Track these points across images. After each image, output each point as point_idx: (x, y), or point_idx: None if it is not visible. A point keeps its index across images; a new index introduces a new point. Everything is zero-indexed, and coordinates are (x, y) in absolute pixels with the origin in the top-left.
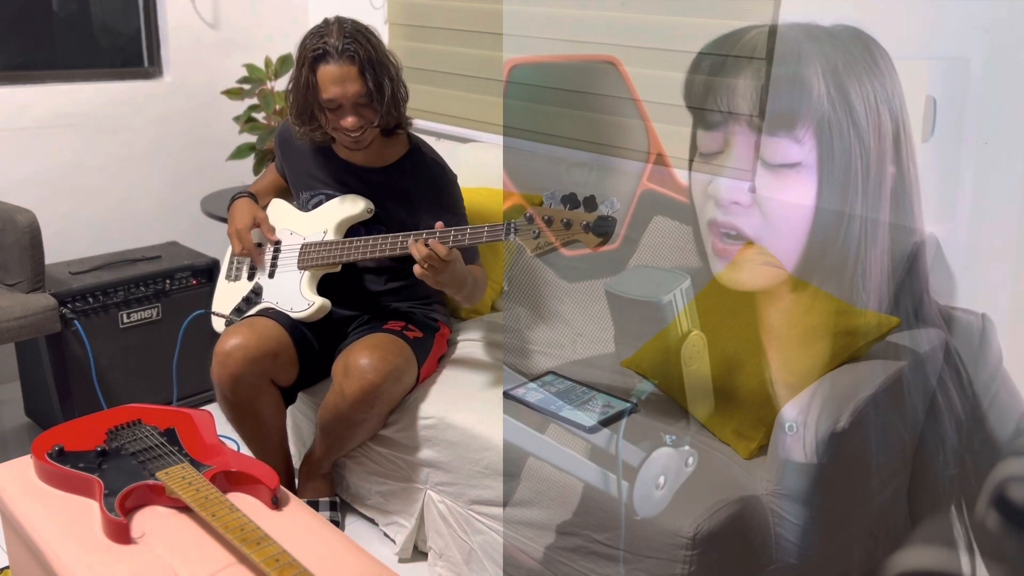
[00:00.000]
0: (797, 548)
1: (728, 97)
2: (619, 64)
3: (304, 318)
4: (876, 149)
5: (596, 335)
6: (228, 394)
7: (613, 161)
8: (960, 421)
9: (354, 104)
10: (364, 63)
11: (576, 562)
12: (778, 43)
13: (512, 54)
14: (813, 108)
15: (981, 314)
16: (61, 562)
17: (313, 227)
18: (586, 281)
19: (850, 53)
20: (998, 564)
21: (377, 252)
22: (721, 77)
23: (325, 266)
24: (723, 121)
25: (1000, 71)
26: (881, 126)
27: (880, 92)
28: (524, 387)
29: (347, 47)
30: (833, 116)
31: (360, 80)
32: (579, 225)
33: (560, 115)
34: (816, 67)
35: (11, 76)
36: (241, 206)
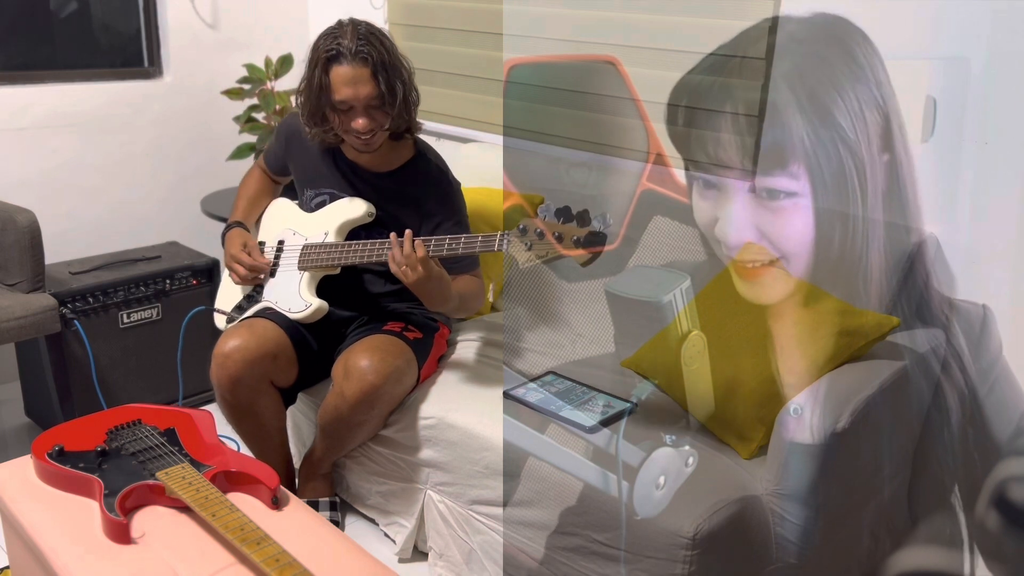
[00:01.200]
0: (797, 548)
1: (715, 148)
2: (619, 64)
3: (301, 319)
4: (868, 153)
5: (596, 335)
6: (228, 396)
7: (613, 161)
8: (961, 421)
9: (366, 106)
10: (377, 65)
11: (576, 562)
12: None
13: (512, 54)
14: (796, 144)
15: (982, 304)
16: (61, 562)
17: (315, 228)
18: (586, 281)
19: (825, 61)
20: (998, 564)
21: (375, 256)
22: (708, 131)
23: (324, 268)
24: (716, 173)
25: (1000, 71)
26: (869, 128)
27: (864, 93)
28: (524, 387)
29: (360, 49)
30: (819, 145)
31: (373, 82)
32: (569, 240)
33: (560, 115)
34: (787, 94)
35: (11, 76)
36: (232, 237)
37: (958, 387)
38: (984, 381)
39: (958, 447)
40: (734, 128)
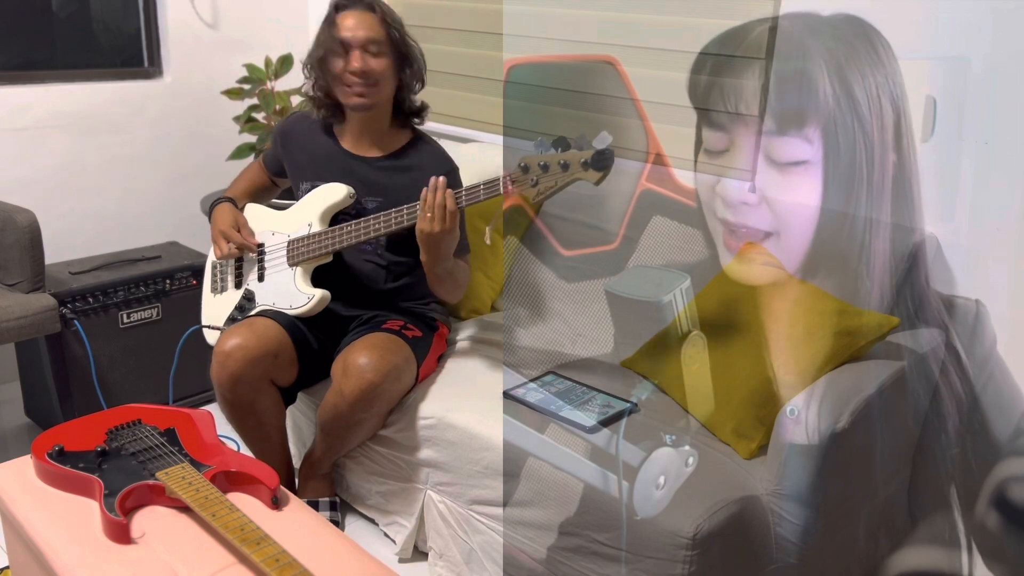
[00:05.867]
0: (797, 548)
1: (734, 98)
2: (618, 64)
3: (305, 312)
4: (879, 140)
5: (596, 335)
6: (228, 394)
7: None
8: (960, 421)
9: (364, 45)
10: (384, 15)
11: (576, 562)
12: (780, 39)
13: (512, 54)
14: (820, 106)
15: (975, 300)
16: (61, 562)
17: (296, 223)
18: (586, 281)
19: (851, 45)
20: (998, 564)
21: (372, 232)
22: (725, 77)
23: (316, 258)
24: (729, 121)
25: (1000, 71)
26: (883, 117)
27: (882, 83)
28: (524, 387)
29: (370, 2)
30: (838, 113)
31: (376, 28)
32: (578, 164)
33: (560, 115)
34: (820, 63)
35: (11, 76)
36: (222, 210)
37: (957, 387)
38: (979, 375)
39: (957, 447)
40: (750, 93)
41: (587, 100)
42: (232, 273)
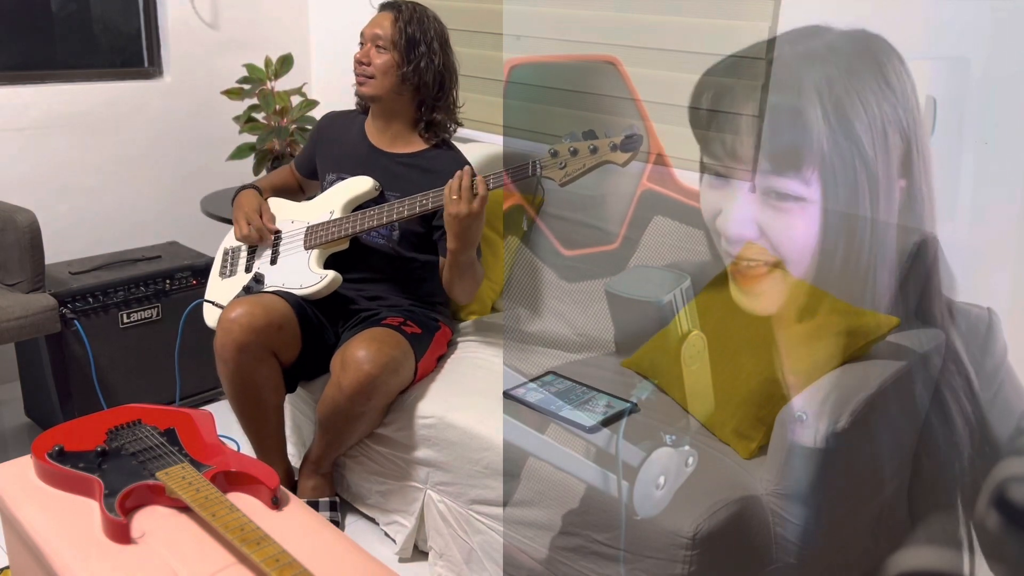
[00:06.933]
0: (797, 548)
1: (730, 140)
2: (619, 64)
3: (315, 292)
4: (884, 174)
5: (596, 335)
6: (230, 362)
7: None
8: (961, 421)
9: (372, 40)
10: (403, 18)
11: (576, 562)
12: (777, 68)
13: (512, 54)
14: (814, 148)
15: (987, 308)
16: (61, 562)
17: (318, 211)
18: (586, 281)
19: (853, 73)
20: (998, 564)
21: (395, 215)
22: (722, 111)
23: (332, 243)
24: (725, 156)
25: (1000, 71)
26: (889, 150)
27: (889, 113)
28: (524, 387)
29: (396, 3)
30: (836, 154)
31: (388, 26)
32: (607, 147)
33: (560, 115)
34: (815, 100)
35: (11, 76)
36: (247, 195)
37: (958, 387)
38: (989, 385)
39: (958, 447)
40: (746, 128)
41: (588, 100)
42: (244, 259)
